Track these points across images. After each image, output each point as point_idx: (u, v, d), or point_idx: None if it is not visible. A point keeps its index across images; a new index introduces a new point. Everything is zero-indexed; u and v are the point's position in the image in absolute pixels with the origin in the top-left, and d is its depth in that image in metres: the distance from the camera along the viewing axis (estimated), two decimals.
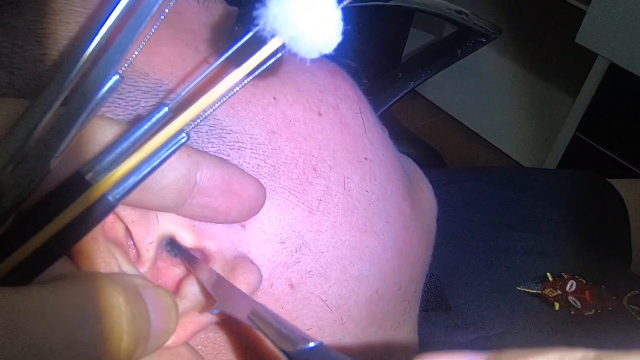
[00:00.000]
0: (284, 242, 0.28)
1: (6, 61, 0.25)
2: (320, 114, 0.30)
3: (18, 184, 0.20)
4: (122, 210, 0.24)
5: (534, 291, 0.48)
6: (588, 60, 1.22)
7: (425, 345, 0.37)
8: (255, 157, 0.27)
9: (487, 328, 0.45)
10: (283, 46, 0.19)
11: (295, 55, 0.20)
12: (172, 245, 0.27)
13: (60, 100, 0.20)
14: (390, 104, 0.94)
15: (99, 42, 0.20)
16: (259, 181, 0.25)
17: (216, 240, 0.26)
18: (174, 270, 0.26)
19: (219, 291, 0.25)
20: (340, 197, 0.30)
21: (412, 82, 0.93)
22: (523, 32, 1.62)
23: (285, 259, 0.28)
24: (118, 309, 0.19)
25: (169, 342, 0.23)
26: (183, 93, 0.21)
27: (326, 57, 0.20)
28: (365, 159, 0.31)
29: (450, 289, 0.47)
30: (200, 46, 0.28)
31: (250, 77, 0.20)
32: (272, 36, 0.19)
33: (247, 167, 0.27)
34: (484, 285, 0.49)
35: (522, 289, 0.48)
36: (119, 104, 0.25)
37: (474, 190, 0.63)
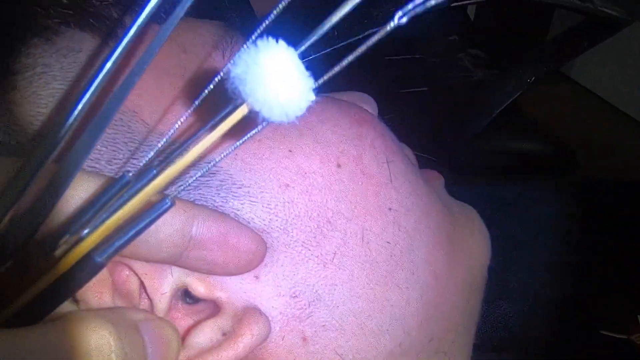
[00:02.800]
0: (296, 296, 0.27)
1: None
2: (339, 165, 0.29)
3: (17, 237, 0.21)
4: (135, 263, 0.25)
5: (620, 336, 0.43)
6: None
7: None
8: (267, 212, 0.27)
9: None
10: (252, 112, 0.19)
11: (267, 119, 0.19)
12: (188, 295, 0.27)
13: (50, 159, 0.20)
14: (509, 101, 0.88)
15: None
16: (256, 234, 0.25)
17: (228, 291, 0.26)
18: (189, 321, 0.27)
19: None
20: (357, 249, 0.28)
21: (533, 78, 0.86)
22: None
23: (298, 312, 0.27)
24: (107, 348, 0.19)
25: None
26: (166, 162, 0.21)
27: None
28: (390, 209, 0.30)
29: (522, 325, 0.43)
30: (187, 91, 0.28)
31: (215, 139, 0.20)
32: (242, 103, 0.19)
33: (259, 222, 0.27)
34: (561, 325, 0.44)
35: (606, 333, 0.43)
36: (102, 154, 0.26)
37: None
